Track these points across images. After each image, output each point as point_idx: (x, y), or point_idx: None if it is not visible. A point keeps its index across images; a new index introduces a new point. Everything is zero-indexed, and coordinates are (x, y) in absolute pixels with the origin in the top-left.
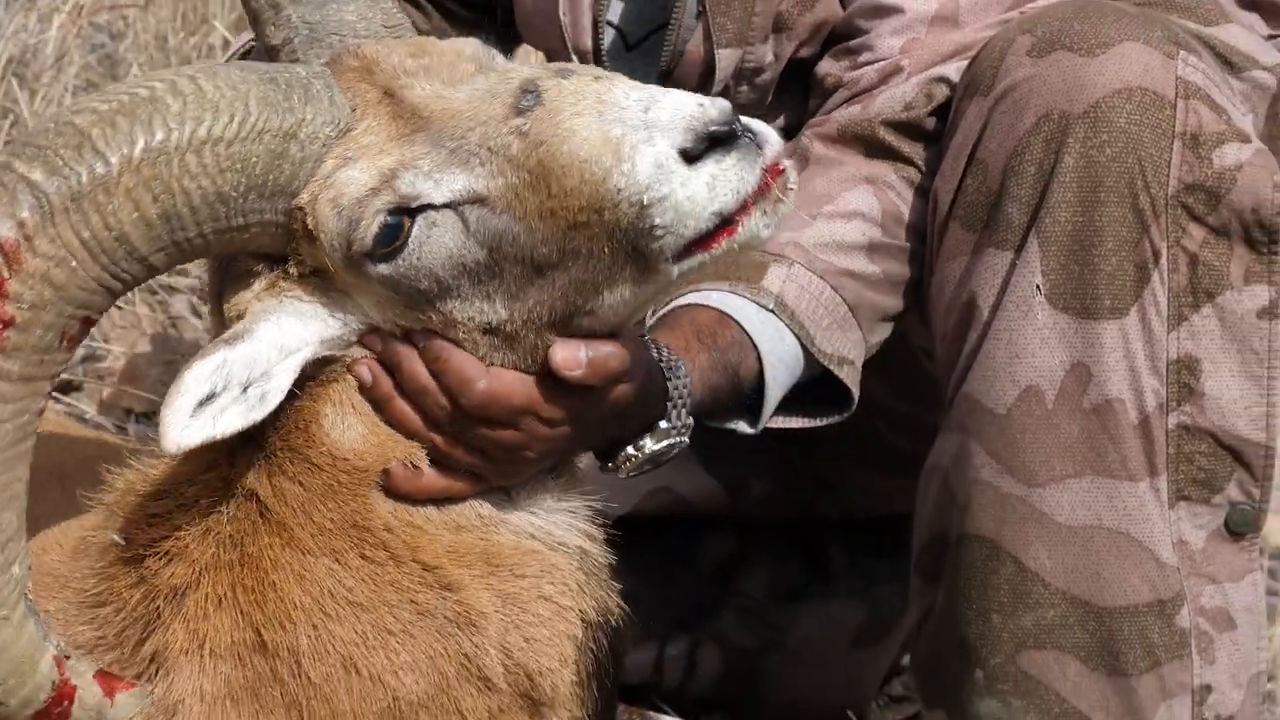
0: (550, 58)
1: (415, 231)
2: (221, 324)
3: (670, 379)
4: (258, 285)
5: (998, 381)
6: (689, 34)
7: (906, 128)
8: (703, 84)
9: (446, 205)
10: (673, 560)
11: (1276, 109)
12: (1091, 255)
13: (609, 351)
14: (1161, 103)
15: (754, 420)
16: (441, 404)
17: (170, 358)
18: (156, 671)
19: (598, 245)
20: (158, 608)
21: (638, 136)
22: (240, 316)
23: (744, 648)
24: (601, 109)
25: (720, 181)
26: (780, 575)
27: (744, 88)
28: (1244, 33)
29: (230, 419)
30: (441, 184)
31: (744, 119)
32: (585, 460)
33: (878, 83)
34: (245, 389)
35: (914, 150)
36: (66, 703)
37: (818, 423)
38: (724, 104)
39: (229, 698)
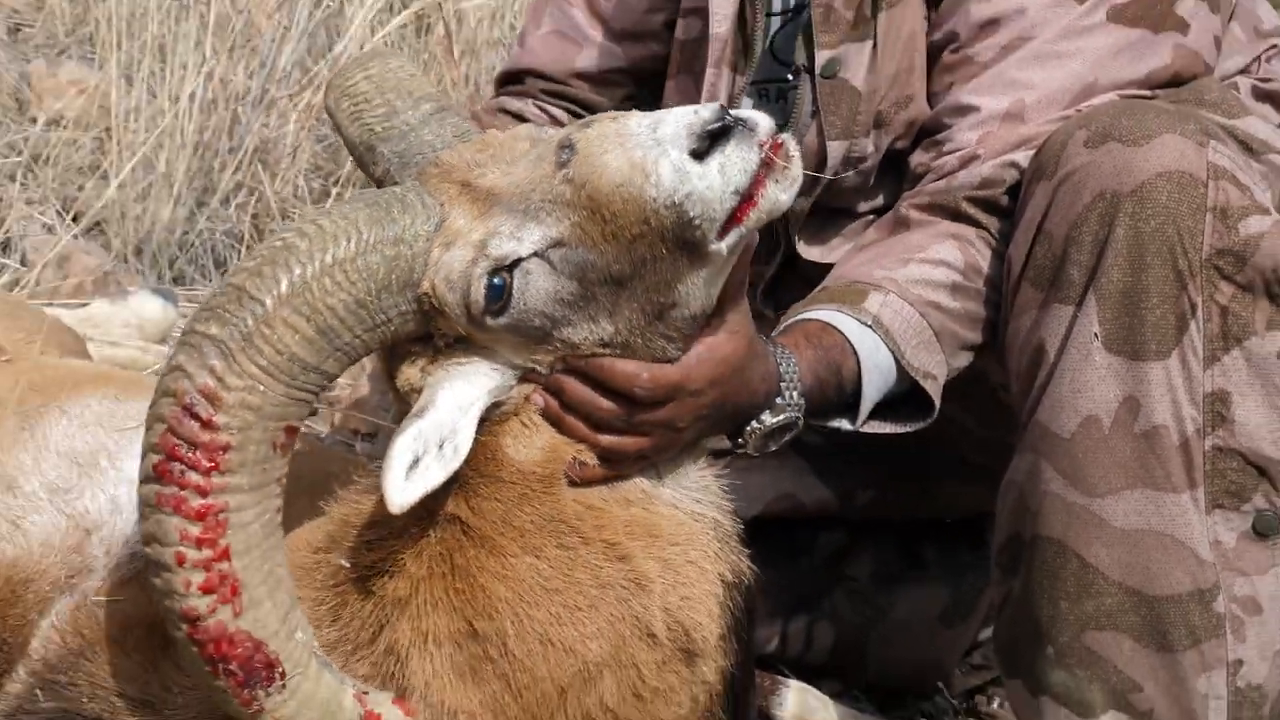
0: None
1: (515, 283)
2: (401, 399)
3: (782, 363)
4: (420, 362)
5: (1063, 412)
6: (805, 130)
7: (984, 202)
8: (816, 170)
9: (533, 255)
10: (795, 552)
11: None
12: (1140, 308)
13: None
14: (1195, 183)
15: (853, 419)
16: (604, 407)
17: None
18: (394, 662)
19: (656, 249)
20: (386, 613)
21: (654, 153)
22: (415, 391)
23: (852, 624)
24: (622, 141)
25: (728, 166)
26: (882, 564)
27: (850, 173)
28: (1261, 123)
29: (435, 474)
30: (523, 240)
31: (734, 111)
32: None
33: (958, 168)
34: (441, 447)
35: (990, 221)
36: None
37: (905, 428)
38: (714, 105)
39: (453, 674)
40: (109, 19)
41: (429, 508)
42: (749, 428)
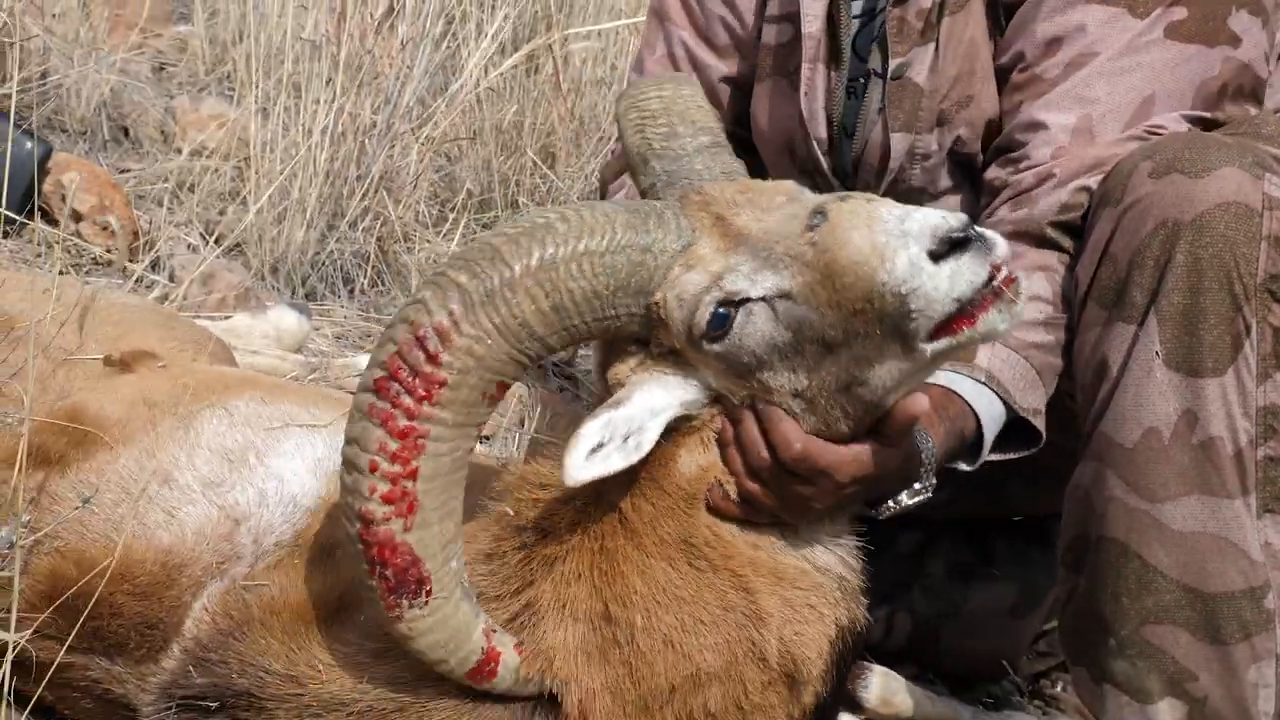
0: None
1: (738, 319)
2: (605, 388)
3: (923, 449)
4: (632, 361)
5: (1126, 424)
6: (873, 126)
7: (1065, 226)
8: (882, 165)
9: (760, 299)
10: (878, 549)
11: None
12: (1198, 328)
13: (919, 407)
14: (1251, 213)
15: (972, 461)
16: (762, 456)
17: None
18: (530, 616)
19: (870, 327)
20: (533, 569)
21: (896, 242)
22: (619, 384)
23: (928, 616)
24: (870, 223)
25: (958, 274)
26: (956, 561)
27: (915, 169)
28: None
29: (614, 462)
30: (757, 283)
31: (977, 228)
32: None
33: (1035, 185)
34: (625, 439)
35: (1068, 243)
36: (493, 664)
37: (1015, 456)
38: (962, 216)
39: (584, 652)
40: (246, 59)
41: (598, 489)
42: (885, 506)
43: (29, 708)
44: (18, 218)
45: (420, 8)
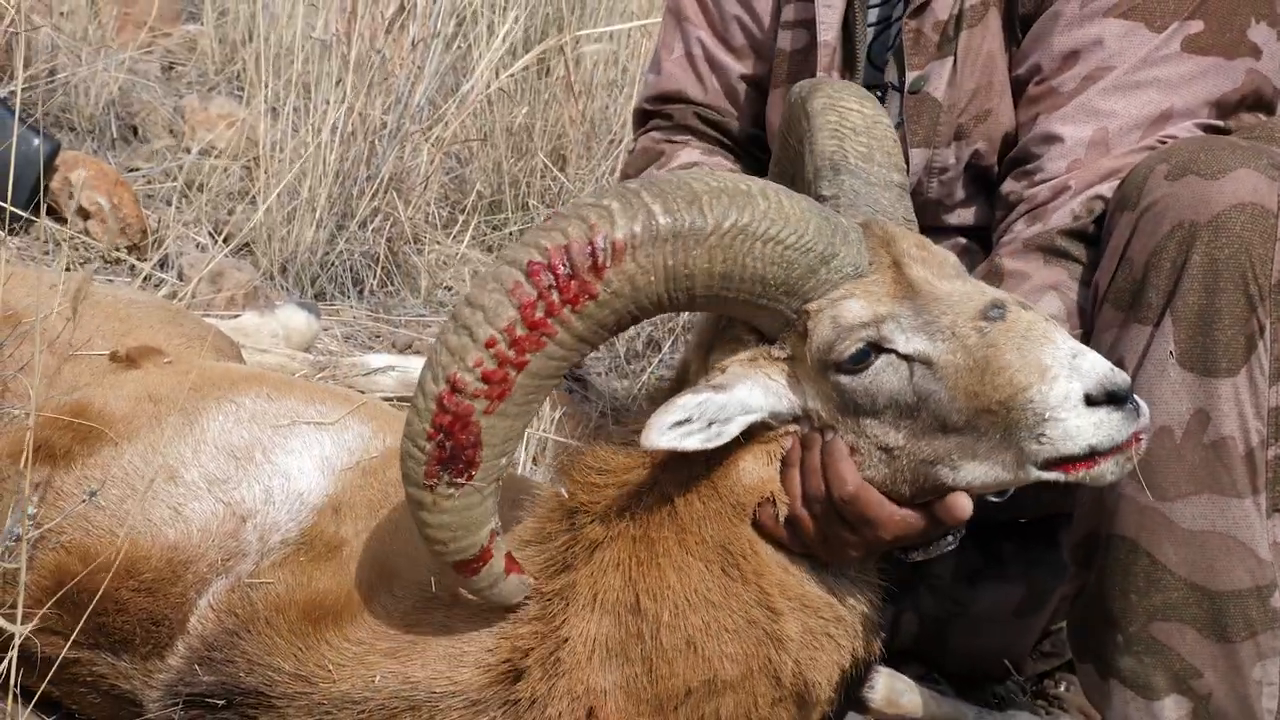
0: None
1: (877, 364)
2: (702, 368)
3: None
4: (744, 354)
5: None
6: None
7: (1076, 234)
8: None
9: (905, 356)
10: (888, 553)
11: None
12: (1212, 329)
13: (970, 510)
14: (1266, 214)
15: (1001, 495)
16: (818, 486)
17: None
18: (559, 604)
19: (994, 429)
20: (574, 554)
21: (1061, 372)
22: (723, 370)
23: (935, 615)
24: (1044, 344)
25: (1104, 427)
26: (963, 562)
27: (933, 183)
28: None
29: (691, 442)
30: (909, 340)
31: (1135, 395)
32: None
33: (1050, 198)
34: (709, 425)
35: (1080, 251)
36: (481, 563)
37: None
38: (1126, 377)
39: (605, 645)
40: (256, 58)
41: (658, 480)
42: (915, 554)
43: (34, 702)
44: (24, 215)
45: (431, 8)
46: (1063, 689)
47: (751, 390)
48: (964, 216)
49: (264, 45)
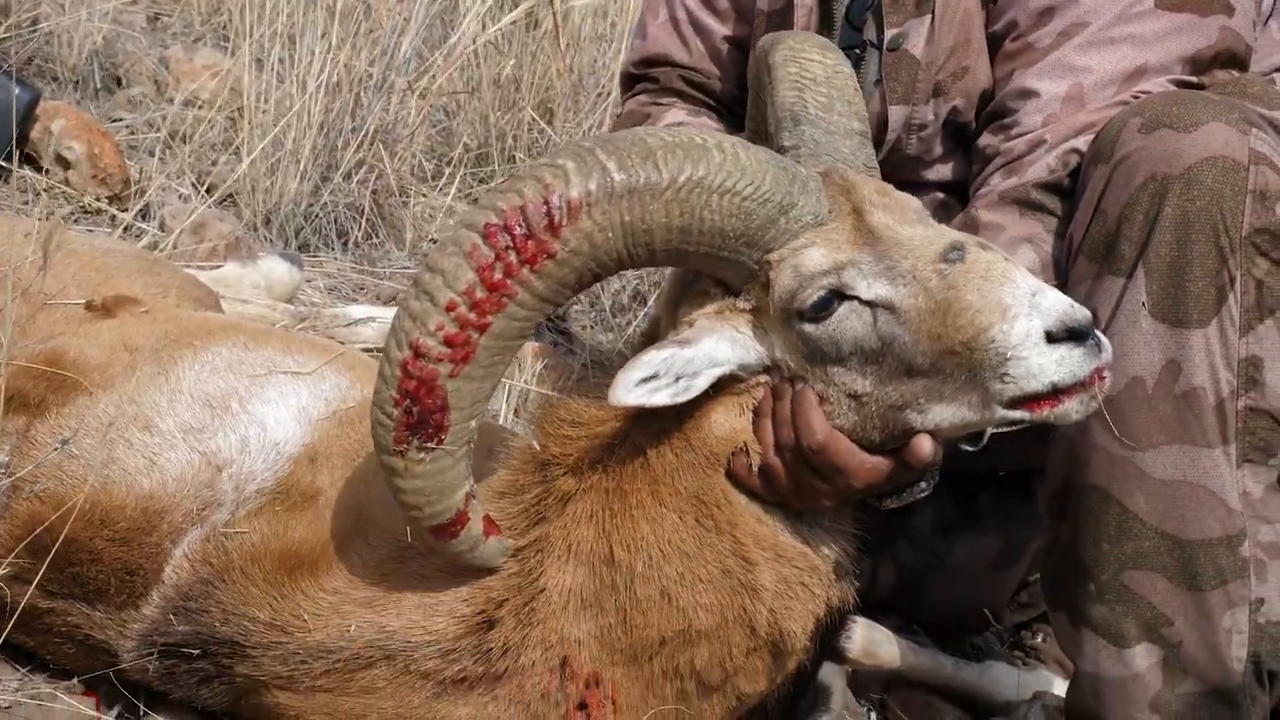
0: None
1: (840, 311)
2: (671, 323)
3: None
4: (710, 307)
5: (1112, 373)
6: (870, 97)
7: (1051, 187)
8: (878, 136)
9: (868, 302)
10: (862, 502)
11: None
12: (1184, 280)
13: (939, 453)
14: (1238, 167)
15: (975, 443)
16: (789, 436)
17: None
18: (534, 556)
19: (958, 370)
20: (547, 506)
21: (1022, 310)
22: (690, 324)
23: (913, 568)
24: (1004, 283)
25: (1065, 363)
26: (940, 514)
27: (912, 140)
28: None
29: (659, 398)
30: (871, 287)
31: (1096, 331)
32: None
33: (1027, 151)
34: (677, 380)
35: (1055, 204)
36: (459, 527)
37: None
38: (1088, 313)
39: (579, 596)
40: (241, 9)
41: (626, 432)
42: (889, 500)
43: (5, 650)
44: (2, 164)
45: None
46: (1040, 640)
47: (718, 343)
48: (942, 172)
49: None
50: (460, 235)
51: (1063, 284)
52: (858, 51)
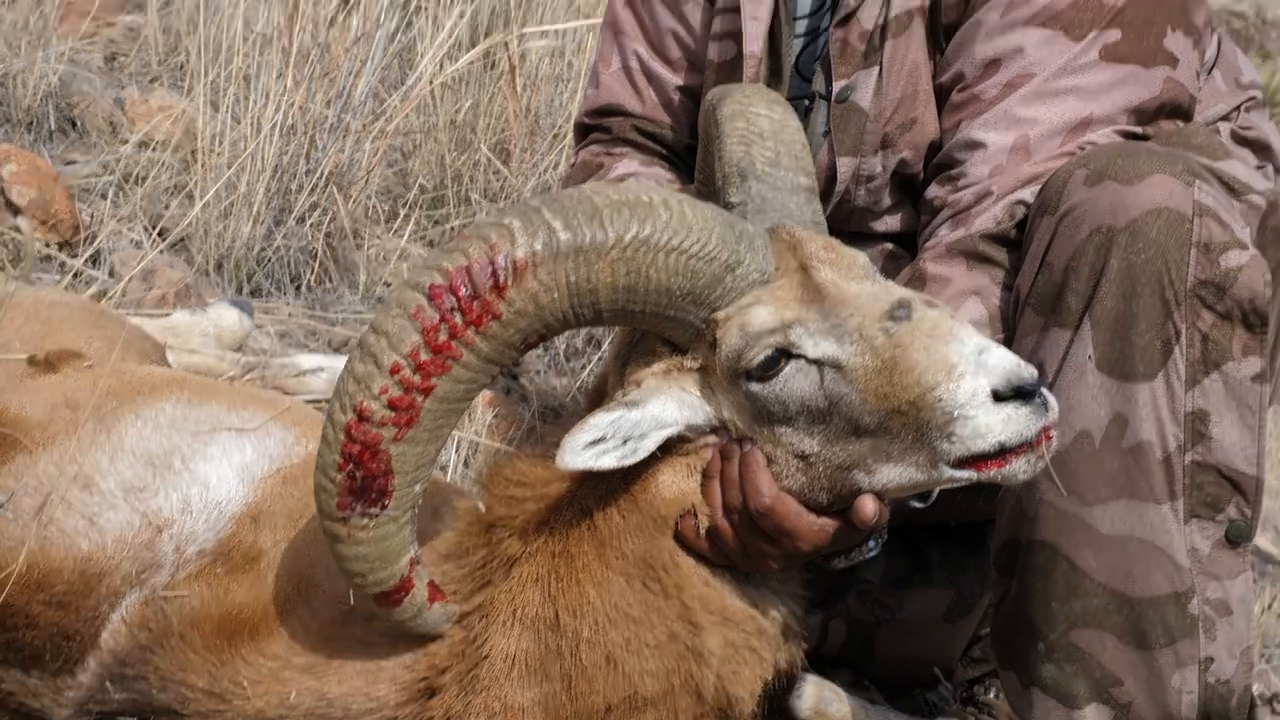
0: None
1: (786, 370)
2: (619, 381)
3: None
4: (658, 365)
5: (1059, 426)
6: (819, 149)
7: (998, 239)
8: (827, 188)
9: (814, 361)
10: (811, 562)
11: (1266, 223)
12: (1130, 333)
13: (885, 513)
14: (1182, 219)
15: (925, 500)
16: (736, 498)
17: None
18: (478, 622)
19: (905, 430)
20: (492, 569)
21: (969, 368)
22: (638, 384)
23: (863, 621)
24: (949, 341)
25: (1011, 422)
26: (891, 567)
27: (861, 191)
28: (1242, 165)
29: (606, 461)
30: (818, 345)
31: (1044, 388)
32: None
33: (974, 203)
34: (625, 442)
35: (1002, 256)
36: (403, 594)
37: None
38: (1034, 370)
39: (524, 662)
40: (199, 49)
41: (575, 494)
42: (836, 562)
43: None
44: None
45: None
46: (993, 695)
47: (665, 404)
48: (891, 223)
49: (207, 35)
50: (405, 296)
51: (1010, 336)
52: (806, 103)
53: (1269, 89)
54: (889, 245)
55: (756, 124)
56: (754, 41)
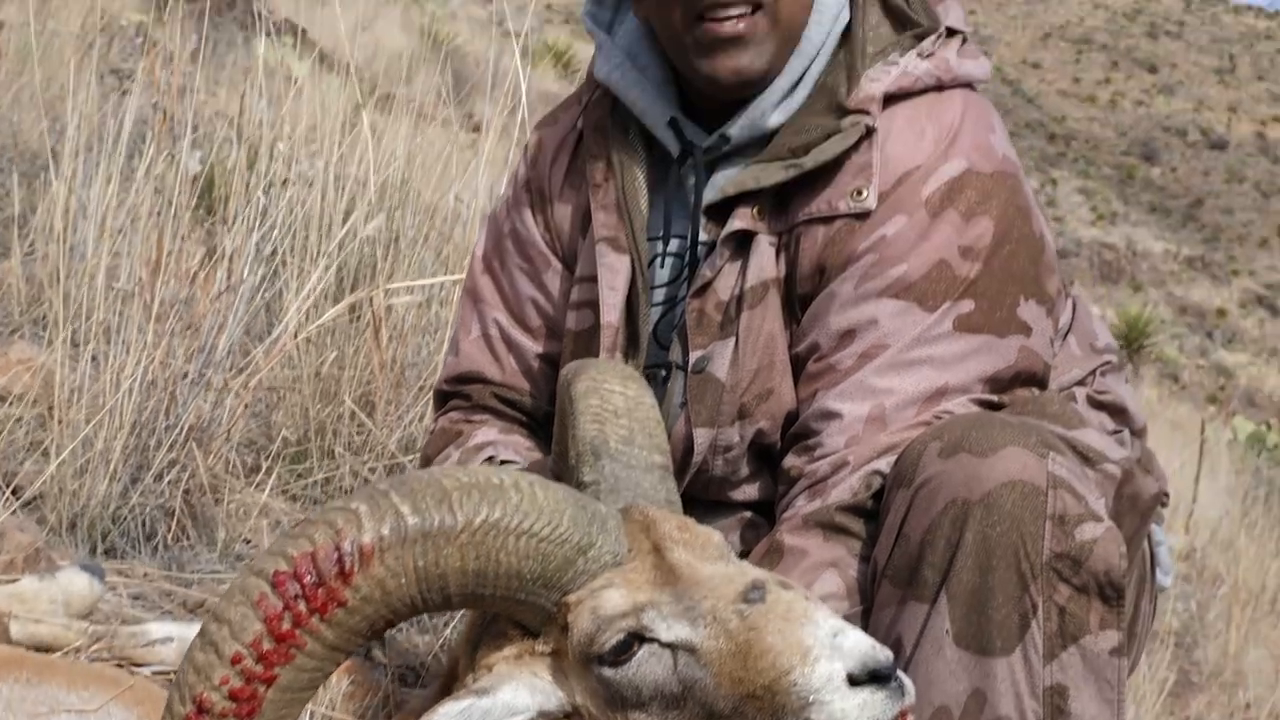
0: None
1: (639, 654)
2: (469, 665)
3: None
4: (509, 650)
5: (917, 704)
6: (675, 419)
7: (854, 510)
8: (685, 458)
9: (668, 645)
10: None
11: (1121, 491)
12: (987, 607)
13: None
14: (1037, 492)
15: None
16: None
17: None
18: None
19: (761, 715)
20: None
21: (823, 652)
22: (489, 669)
23: None
24: (804, 623)
25: (868, 707)
26: None
27: (718, 461)
28: (1097, 434)
29: None
30: (671, 628)
31: (900, 672)
32: None
33: (830, 473)
34: None
35: (859, 527)
36: None
37: None
38: (889, 653)
39: None
40: (64, 299)
41: None
42: None
43: None
44: None
45: (242, 251)
46: None
47: (517, 690)
48: (749, 492)
49: (64, 288)
50: (248, 583)
51: (868, 609)
52: (664, 372)
53: (1141, 320)
54: (747, 514)
55: (611, 401)
56: (611, 311)
